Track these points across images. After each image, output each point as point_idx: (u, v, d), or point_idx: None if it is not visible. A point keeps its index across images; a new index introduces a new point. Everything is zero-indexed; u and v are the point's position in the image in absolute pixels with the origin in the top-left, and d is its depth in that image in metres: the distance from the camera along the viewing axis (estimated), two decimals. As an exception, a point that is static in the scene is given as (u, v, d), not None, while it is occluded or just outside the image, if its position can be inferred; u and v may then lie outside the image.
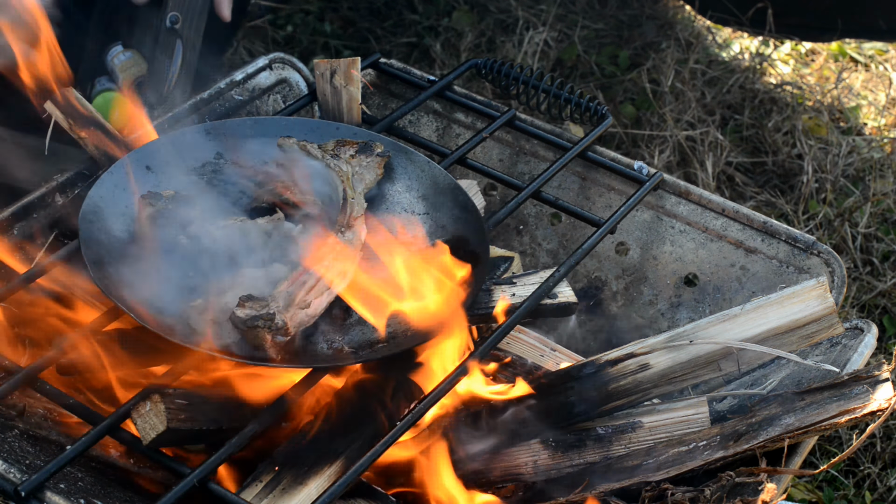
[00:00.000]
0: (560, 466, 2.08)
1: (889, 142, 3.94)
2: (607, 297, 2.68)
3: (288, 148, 2.22)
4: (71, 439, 1.94)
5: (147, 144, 2.20)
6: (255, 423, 1.80)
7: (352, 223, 2.06)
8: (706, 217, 2.55)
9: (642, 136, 3.84)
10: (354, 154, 2.22)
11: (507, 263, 2.52)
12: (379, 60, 2.76)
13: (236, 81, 2.63)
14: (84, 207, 2.01)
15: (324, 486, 1.82)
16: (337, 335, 1.94)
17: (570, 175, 2.68)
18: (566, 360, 2.41)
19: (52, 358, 1.87)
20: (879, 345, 3.14)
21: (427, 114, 2.82)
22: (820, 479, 2.88)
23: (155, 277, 1.98)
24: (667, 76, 3.96)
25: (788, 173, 3.78)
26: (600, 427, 2.10)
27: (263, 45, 4.12)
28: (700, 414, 2.09)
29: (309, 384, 1.88)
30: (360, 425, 1.95)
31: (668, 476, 1.97)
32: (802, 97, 4.17)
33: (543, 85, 2.62)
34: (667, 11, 4.51)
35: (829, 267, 2.41)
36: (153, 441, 1.78)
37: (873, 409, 1.92)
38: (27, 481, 1.69)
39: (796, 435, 1.94)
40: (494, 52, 4.14)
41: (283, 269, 1.96)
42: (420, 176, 2.26)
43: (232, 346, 1.85)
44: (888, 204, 3.61)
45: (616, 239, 2.66)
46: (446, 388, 1.91)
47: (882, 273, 3.40)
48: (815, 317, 2.06)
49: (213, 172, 2.22)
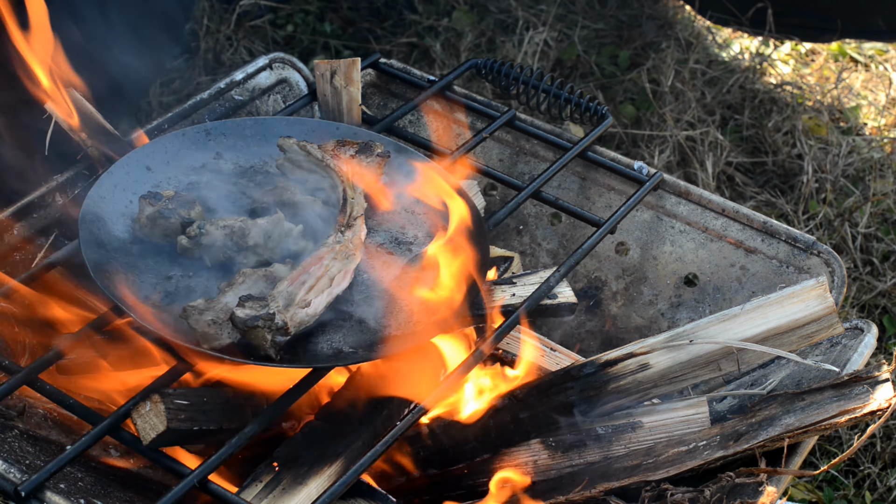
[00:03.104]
0: (560, 466, 2.08)
1: (889, 142, 3.94)
2: (607, 297, 2.68)
3: (288, 148, 2.22)
4: (71, 439, 1.94)
5: (147, 144, 2.20)
6: (255, 423, 1.80)
7: (352, 223, 2.06)
8: (706, 217, 2.55)
9: (642, 136, 3.84)
10: (354, 154, 2.22)
11: (507, 263, 2.52)
12: (379, 60, 2.76)
13: (236, 81, 2.63)
14: (84, 207, 2.01)
15: (324, 486, 1.82)
16: (337, 335, 1.94)
17: (570, 175, 2.68)
18: (566, 360, 2.41)
19: (52, 358, 1.87)
20: (879, 345, 3.14)
21: (427, 114, 2.82)
22: (820, 479, 2.88)
23: (155, 277, 1.98)
24: (667, 76, 3.96)
25: (788, 173, 3.78)
26: (600, 427, 2.10)
27: (263, 45, 4.12)
28: (700, 414, 2.09)
29: (309, 384, 1.88)
30: (361, 425, 1.95)
31: (668, 476, 1.97)
32: (802, 97, 4.17)
33: (543, 85, 2.61)
34: (667, 11, 4.51)
35: (829, 267, 2.41)
36: (153, 441, 1.78)
37: (873, 409, 1.91)
38: (27, 481, 1.69)
39: (796, 435, 1.94)
40: (494, 52, 4.14)
41: (283, 269, 1.96)
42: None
43: (232, 346, 1.85)
44: (888, 204, 3.61)
45: (616, 239, 2.66)
46: (444, 390, 1.91)
47: (882, 273, 3.40)
48: (815, 317, 2.06)
49: (212, 172, 2.22)
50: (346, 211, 2.09)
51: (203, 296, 1.93)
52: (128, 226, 2.05)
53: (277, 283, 1.90)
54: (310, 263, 1.95)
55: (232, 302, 1.87)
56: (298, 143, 2.22)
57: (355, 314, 1.97)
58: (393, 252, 2.12)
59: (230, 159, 2.25)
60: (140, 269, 1.99)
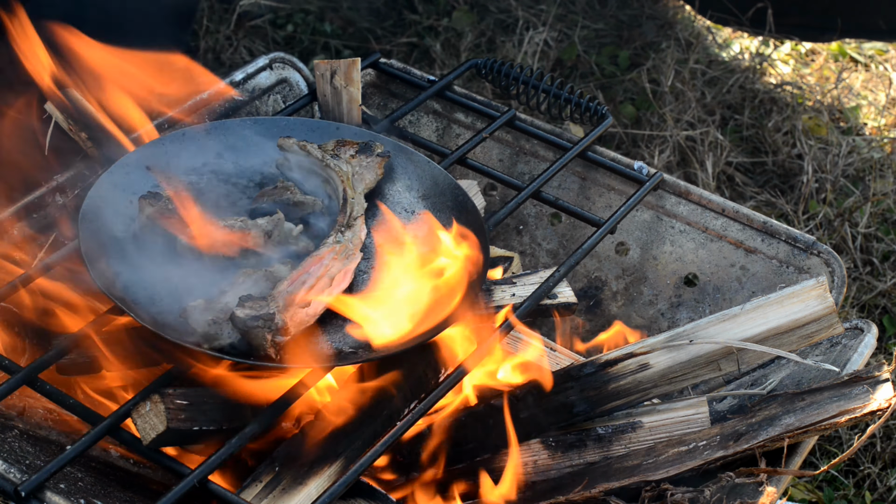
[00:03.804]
0: (560, 466, 2.08)
1: (889, 142, 3.94)
2: (607, 297, 2.68)
3: (288, 148, 2.22)
4: (71, 439, 1.94)
5: (147, 144, 2.20)
6: (255, 423, 1.80)
7: (352, 223, 2.06)
8: (706, 217, 2.55)
9: (642, 136, 3.84)
10: (354, 154, 2.22)
11: (507, 263, 2.52)
12: (379, 60, 2.76)
13: (236, 81, 2.63)
14: (84, 207, 2.01)
15: (324, 486, 1.82)
16: (337, 335, 1.94)
17: (570, 175, 2.68)
18: (566, 360, 2.41)
19: (52, 358, 1.87)
20: (879, 345, 3.14)
21: (427, 114, 2.82)
22: (820, 479, 2.88)
23: (154, 277, 1.98)
24: (667, 76, 3.96)
25: (788, 173, 3.78)
26: (600, 427, 2.10)
27: (263, 45, 4.12)
28: (700, 414, 2.09)
29: (309, 384, 1.88)
30: (361, 425, 1.95)
31: (668, 476, 1.97)
32: (802, 97, 4.17)
33: (543, 85, 2.61)
34: (667, 11, 4.51)
35: (829, 267, 2.41)
36: (153, 441, 1.78)
37: (873, 409, 1.91)
38: (27, 481, 1.69)
39: (796, 435, 1.94)
40: (494, 52, 4.14)
41: (283, 269, 1.96)
42: (420, 176, 2.26)
43: (232, 345, 1.85)
44: (888, 204, 3.61)
45: (616, 239, 2.66)
46: (445, 390, 1.91)
47: (882, 273, 3.40)
48: (814, 317, 2.06)
49: (213, 172, 2.22)
50: (346, 211, 2.09)
51: (203, 296, 1.93)
52: (127, 226, 2.05)
53: (277, 283, 1.90)
54: (310, 263, 1.95)
55: (232, 302, 1.87)
56: (298, 143, 2.22)
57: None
58: (393, 252, 2.12)
59: (230, 159, 2.25)
60: (139, 269, 1.99)
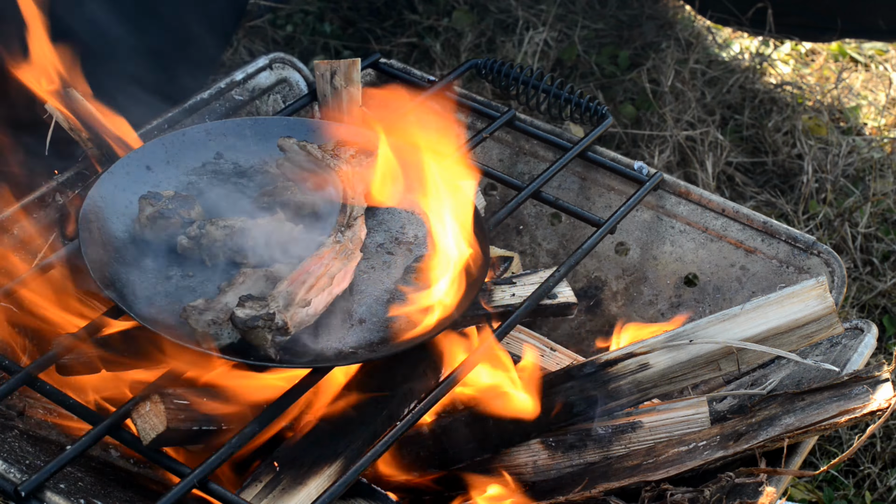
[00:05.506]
0: (560, 466, 2.08)
1: (889, 142, 3.95)
2: (607, 297, 2.68)
3: (288, 148, 2.22)
4: (71, 439, 1.94)
5: (147, 144, 2.20)
6: (255, 423, 1.80)
7: (352, 223, 2.06)
8: (706, 217, 2.55)
9: (642, 136, 3.84)
10: (354, 154, 2.22)
11: (506, 263, 2.52)
12: (379, 60, 2.76)
13: (236, 81, 2.63)
14: (84, 207, 2.01)
15: (324, 486, 1.82)
16: (337, 335, 1.94)
17: (570, 175, 2.68)
18: (566, 360, 2.41)
19: (52, 358, 1.87)
20: (879, 345, 3.14)
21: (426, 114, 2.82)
22: (820, 479, 2.88)
23: (155, 277, 1.98)
24: (667, 76, 3.96)
25: (788, 173, 3.78)
26: (600, 427, 2.10)
27: (263, 45, 4.12)
28: (700, 414, 2.09)
29: (309, 384, 1.88)
30: (361, 425, 1.95)
31: (668, 476, 1.97)
32: (802, 97, 4.17)
33: (543, 85, 2.61)
34: (667, 11, 4.52)
35: (829, 267, 2.41)
36: (153, 441, 1.78)
37: (873, 409, 1.91)
38: (27, 481, 1.69)
39: (796, 435, 1.94)
40: (494, 52, 4.14)
41: (283, 268, 1.96)
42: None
43: (232, 345, 1.85)
44: (888, 204, 3.61)
45: (616, 239, 2.66)
46: (444, 390, 1.91)
47: (882, 273, 3.40)
48: (814, 317, 2.06)
49: (212, 172, 2.22)
50: (346, 211, 2.09)
51: (203, 296, 1.93)
52: (128, 226, 2.05)
53: (277, 283, 1.90)
54: (310, 263, 1.95)
55: (232, 302, 1.87)
56: (298, 143, 2.22)
57: (356, 314, 1.97)
58: (393, 252, 2.12)
59: (230, 159, 2.25)
60: (140, 269, 1.99)
